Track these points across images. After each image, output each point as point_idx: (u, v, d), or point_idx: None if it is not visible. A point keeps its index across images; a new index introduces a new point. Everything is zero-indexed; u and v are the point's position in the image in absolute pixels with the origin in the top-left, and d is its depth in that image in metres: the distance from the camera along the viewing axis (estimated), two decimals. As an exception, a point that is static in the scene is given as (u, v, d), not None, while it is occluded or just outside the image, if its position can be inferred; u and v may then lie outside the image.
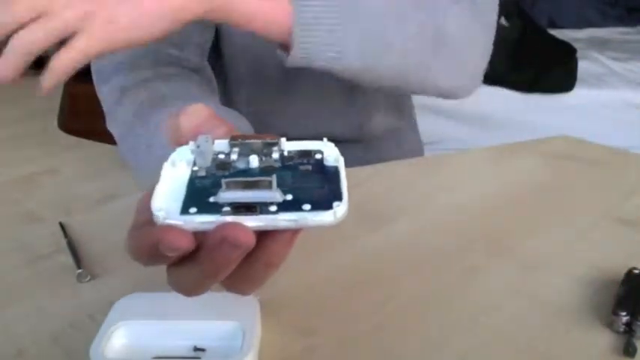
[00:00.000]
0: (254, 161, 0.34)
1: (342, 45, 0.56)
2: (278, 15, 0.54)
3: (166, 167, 0.34)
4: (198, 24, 0.67)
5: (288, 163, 0.34)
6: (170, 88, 0.59)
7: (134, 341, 0.36)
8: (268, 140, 0.35)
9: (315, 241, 0.34)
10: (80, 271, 0.46)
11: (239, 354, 0.34)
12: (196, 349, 0.36)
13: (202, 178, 0.33)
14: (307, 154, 0.35)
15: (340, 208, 0.30)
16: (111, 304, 0.38)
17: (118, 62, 0.62)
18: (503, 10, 2.38)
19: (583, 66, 2.24)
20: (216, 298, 0.39)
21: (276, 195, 0.30)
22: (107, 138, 0.67)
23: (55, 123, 0.81)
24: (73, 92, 1.13)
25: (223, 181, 0.31)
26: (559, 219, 0.55)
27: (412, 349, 0.39)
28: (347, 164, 0.34)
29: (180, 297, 0.39)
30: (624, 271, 0.44)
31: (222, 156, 0.34)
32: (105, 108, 0.64)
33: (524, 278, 0.46)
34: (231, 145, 0.35)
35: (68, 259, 0.48)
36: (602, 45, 2.53)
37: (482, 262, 0.48)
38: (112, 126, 0.63)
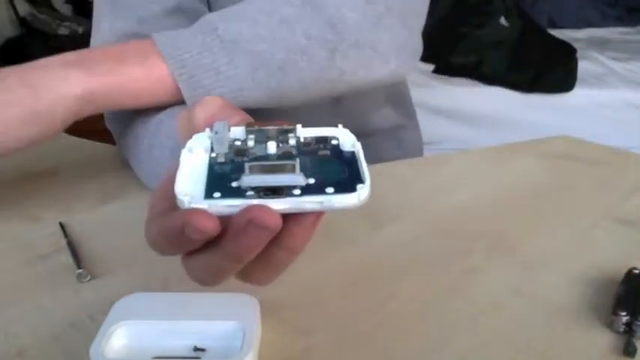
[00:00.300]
0: (272, 147, 0.34)
1: (236, 81, 0.52)
2: (160, 80, 0.51)
3: (184, 154, 0.34)
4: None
5: (306, 149, 0.34)
6: None
7: (134, 341, 0.36)
8: (285, 127, 0.35)
9: (315, 241, 0.34)
10: (80, 271, 0.46)
11: (239, 354, 0.34)
12: (196, 349, 0.36)
13: (222, 164, 0.33)
14: (323, 140, 0.35)
15: (364, 191, 0.31)
16: (111, 304, 0.38)
17: None
18: (503, 10, 2.38)
19: (583, 66, 2.24)
20: (216, 298, 0.39)
21: (299, 179, 0.31)
22: (107, 138, 0.67)
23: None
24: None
25: (247, 165, 0.31)
26: (559, 219, 0.55)
27: (412, 349, 0.39)
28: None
29: (181, 297, 0.40)
30: (624, 271, 0.44)
31: (238, 143, 0.34)
32: None
33: (524, 278, 0.46)
34: (248, 132, 0.35)
35: (68, 259, 0.48)
36: (602, 45, 2.54)
37: (483, 262, 0.48)
38: (110, 124, 0.62)
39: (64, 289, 0.45)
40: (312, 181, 0.31)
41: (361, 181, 0.31)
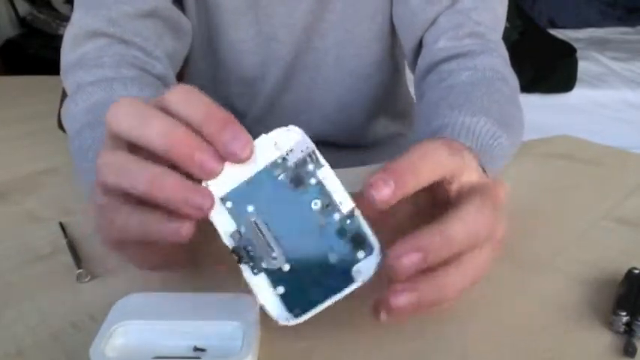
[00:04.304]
0: None
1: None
2: None
3: None
4: (170, 31, 0.67)
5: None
6: (128, 93, 0.57)
7: (134, 341, 0.36)
8: None
9: (315, 241, 0.34)
10: (80, 271, 0.46)
11: (239, 354, 0.34)
12: (196, 349, 0.36)
13: None
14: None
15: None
16: (111, 304, 0.38)
17: (82, 57, 0.61)
18: (503, 10, 2.37)
19: (583, 66, 2.24)
20: (216, 298, 0.39)
21: None
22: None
23: (55, 123, 0.81)
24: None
25: None
26: (559, 219, 0.55)
27: (412, 349, 0.39)
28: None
29: (180, 297, 0.40)
30: (624, 271, 0.44)
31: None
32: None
33: (524, 278, 0.46)
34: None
35: (68, 259, 0.48)
36: (602, 45, 2.53)
37: (483, 262, 0.48)
38: (64, 120, 0.61)
39: (64, 289, 0.45)
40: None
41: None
